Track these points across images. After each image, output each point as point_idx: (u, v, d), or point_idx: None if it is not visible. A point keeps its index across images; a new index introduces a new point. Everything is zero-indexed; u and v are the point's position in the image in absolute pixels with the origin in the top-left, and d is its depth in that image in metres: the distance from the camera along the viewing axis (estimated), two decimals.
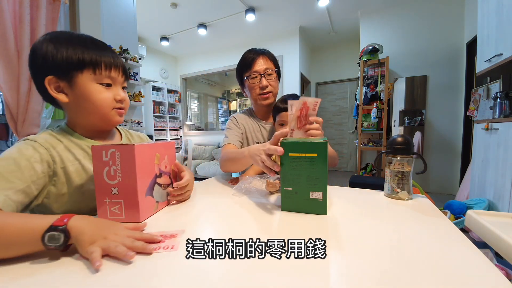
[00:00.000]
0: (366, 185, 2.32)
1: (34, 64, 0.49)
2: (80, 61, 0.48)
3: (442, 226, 0.45)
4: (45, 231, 0.33)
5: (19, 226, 0.34)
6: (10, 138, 2.46)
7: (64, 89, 0.50)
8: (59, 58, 0.47)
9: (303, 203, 0.52)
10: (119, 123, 0.57)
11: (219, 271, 0.32)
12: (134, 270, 0.32)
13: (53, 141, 0.51)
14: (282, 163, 0.53)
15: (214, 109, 6.69)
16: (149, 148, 0.50)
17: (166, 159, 0.58)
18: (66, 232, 0.34)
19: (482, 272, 0.31)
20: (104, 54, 0.50)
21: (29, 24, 1.21)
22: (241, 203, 0.61)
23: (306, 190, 0.52)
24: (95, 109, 0.51)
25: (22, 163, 0.44)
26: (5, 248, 0.33)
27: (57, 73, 0.48)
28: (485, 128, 1.77)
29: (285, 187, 0.54)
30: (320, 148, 0.50)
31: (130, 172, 0.46)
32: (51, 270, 0.32)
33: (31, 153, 0.46)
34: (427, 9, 2.98)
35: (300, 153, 0.51)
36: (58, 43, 0.48)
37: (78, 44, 0.49)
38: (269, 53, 0.96)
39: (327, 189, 0.51)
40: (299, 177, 0.52)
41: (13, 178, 0.42)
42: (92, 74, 0.49)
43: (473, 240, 1.37)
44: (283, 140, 0.54)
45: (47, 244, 0.33)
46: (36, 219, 0.36)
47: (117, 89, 0.54)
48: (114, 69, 0.52)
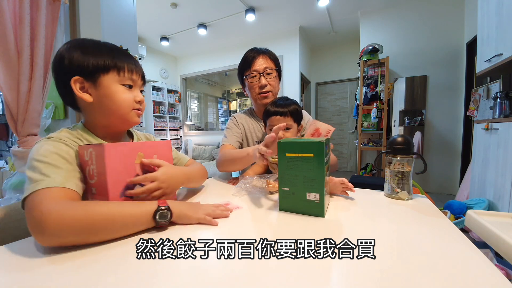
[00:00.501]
0: (366, 185, 2.31)
1: (60, 68, 0.51)
2: (106, 63, 0.52)
3: (442, 226, 0.46)
4: (155, 211, 0.43)
5: (131, 211, 0.42)
6: (10, 138, 2.46)
7: (88, 89, 0.52)
8: (86, 61, 0.50)
9: (301, 204, 0.52)
10: (137, 123, 0.59)
11: (221, 272, 0.32)
12: (135, 270, 0.33)
13: (74, 139, 0.52)
14: (280, 163, 0.53)
15: (214, 109, 6.69)
16: (126, 147, 0.49)
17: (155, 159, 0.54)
18: (170, 210, 0.45)
19: (482, 272, 0.31)
20: (127, 60, 0.55)
21: (29, 24, 1.20)
22: (242, 203, 0.61)
23: (303, 191, 0.51)
24: (117, 108, 0.53)
25: (66, 156, 0.46)
26: (125, 229, 0.42)
27: (83, 74, 0.51)
28: (485, 128, 1.77)
29: (282, 187, 0.54)
30: (316, 148, 0.49)
31: (102, 172, 0.45)
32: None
33: (67, 148, 0.48)
34: (427, 9, 2.98)
35: (296, 153, 0.51)
36: (85, 49, 0.51)
37: (105, 49, 0.53)
38: (270, 52, 0.95)
39: (324, 191, 0.50)
40: (296, 177, 0.52)
41: (68, 167, 0.45)
42: (117, 75, 0.53)
43: (473, 240, 1.37)
44: (280, 140, 0.54)
45: (158, 221, 0.43)
46: (141, 205, 0.44)
47: (137, 91, 0.58)
48: (135, 73, 0.56)
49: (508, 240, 0.38)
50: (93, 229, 0.38)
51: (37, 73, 1.25)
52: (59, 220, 0.36)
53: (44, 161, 0.43)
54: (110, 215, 0.40)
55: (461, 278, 0.30)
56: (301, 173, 0.51)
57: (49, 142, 0.47)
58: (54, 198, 0.39)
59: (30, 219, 0.37)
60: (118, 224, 0.41)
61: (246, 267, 0.33)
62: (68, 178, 0.44)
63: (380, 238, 0.42)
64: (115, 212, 0.41)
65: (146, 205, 0.44)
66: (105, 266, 0.34)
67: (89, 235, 0.39)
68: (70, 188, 0.43)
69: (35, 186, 0.40)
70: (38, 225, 0.36)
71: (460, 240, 0.40)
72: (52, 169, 0.43)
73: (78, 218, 0.37)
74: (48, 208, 0.37)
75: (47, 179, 0.41)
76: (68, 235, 0.37)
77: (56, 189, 0.41)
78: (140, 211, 0.43)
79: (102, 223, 0.39)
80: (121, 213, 0.41)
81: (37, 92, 1.26)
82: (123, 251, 0.38)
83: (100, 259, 0.35)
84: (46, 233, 0.36)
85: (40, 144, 0.47)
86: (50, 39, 1.32)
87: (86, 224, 0.38)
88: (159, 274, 0.32)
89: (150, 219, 0.44)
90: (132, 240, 0.41)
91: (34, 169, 0.42)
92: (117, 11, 1.92)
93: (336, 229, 0.46)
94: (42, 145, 0.46)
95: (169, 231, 0.45)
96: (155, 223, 0.44)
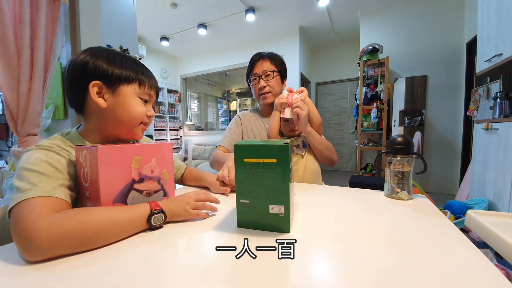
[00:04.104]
0: (366, 185, 2.32)
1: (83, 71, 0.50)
2: (130, 76, 0.53)
3: (442, 226, 0.45)
4: (149, 215, 0.44)
5: (123, 216, 0.42)
6: (10, 138, 2.46)
7: (105, 95, 0.51)
8: (111, 69, 0.51)
9: (262, 218, 0.44)
10: (140, 138, 0.60)
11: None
12: (136, 270, 0.33)
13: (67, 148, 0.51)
14: (237, 171, 0.45)
15: (214, 109, 6.69)
16: (122, 150, 0.46)
17: (153, 163, 0.51)
18: (164, 212, 0.46)
19: (482, 272, 0.31)
20: (149, 76, 0.58)
21: (29, 24, 1.20)
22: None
23: (265, 203, 0.44)
24: (128, 119, 0.54)
25: (56, 165, 0.45)
26: (118, 235, 0.41)
27: (105, 80, 0.51)
28: (485, 128, 1.77)
29: (240, 199, 0.45)
30: (280, 152, 0.42)
31: (95, 175, 0.43)
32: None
33: (58, 157, 0.47)
34: (427, 9, 2.98)
35: (256, 158, 0.43)
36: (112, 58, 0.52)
37: (130, 63, 0.55)
38: (271, 55, 1.01)
39: (289, 202, 0.43)
40: (257, 187, 0.44)
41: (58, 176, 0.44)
42: (138, 88, 0.54)
43: (473, 240, 1.37)
44: (237, 143, 0.45)
45: (153, 224, 0.44)
46: (133, 209, 0.44)
47: (150, 106, 0.59)
48: (154, 90, 0.59)
49: (508, 240, 0.38)
50: (84, 241, 0.37)
51: (37, 73, 1.25)
52: (47, 238, 0.34)
53: (34, 170, 0.42)
54: (101, 224, 0.39)
55: (461, 278, 0.30)
56: (262, 182, 0.43)
57: (40, 150, 0.46)
58: (40, 211, 0.37)
59: (16, 233, 0.35)
60: (110, 232, 0.40)
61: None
62: (57, 187, 0.42)
63: (380, 238, 0.42)
64: (106, 219, 0.40)
65: (138, 209, 0.44)
66: (103, 265, 0.34)
67: (81, 246, 0.37)
68: (58, 197, 0.41)
69: (22, 196, 0.38)
70: (24, 243, 0.34)
71: (460, 240, 0.40)
72: (41, 178, 0.41)
73: (67, 233, 0.36)
74: (33, 226, 0.34)
75: (34, 189, 0.39)
76: (57, 250, 0.35)
77: (43, 199, 0.39)
78: (133, 216, 0.43)
79: (93, 233, 0.38)
80: (112, 219, 0.40)
81: (37, 92, 1.26)
82: (120, 252, 0.38)
83: (96, 259, 0.35)
84: (32, 251, 0.34)
85: (31, 152, 0.45)
86: (50, 39, 1.32)
87: (76, 237, 0.36)
88: (160, 275, 0.32)
89: (144, 222, 0.44)
90: (127, 242, 0.41)
91: (23, 178, 0.41)
92: (117, 11, 1.92)
93: (337, 229, 0.46)
94: (33, 154, 0.45)
95: (164, 231, 0.45)
96: (149, 226, 0.44)
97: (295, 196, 0.62)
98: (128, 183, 0.47)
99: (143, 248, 0.39)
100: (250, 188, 0.44)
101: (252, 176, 0.44)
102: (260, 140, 0.51)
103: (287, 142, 0.43)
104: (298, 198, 0.63)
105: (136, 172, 0.49)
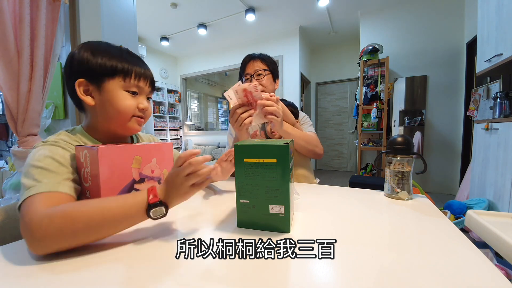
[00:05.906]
0: (366, 185, 2.32)
1: (70, 68, 0.51)
2: (113, 68, 0.51)
3: (442, 226, 0.45)
4: (147, 209, 0.39)
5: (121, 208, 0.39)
6: (10, 138, 2.46)
7: (92, 93, 0.51)
8: (94, 63, 0.50)
9: (262, 218, 0.44)
10: (137, 131, 0.58)
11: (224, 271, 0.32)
12: (135, 270, 0.33)
13: (72, 142, 0.52)
14: (237, 171, 0.45)
15: (214, 109, 6.69)
16: (122, 150, 0.46)
17: (153, 163, 0.51)
18: (164, 204, 0.40)
19: (482, 272, 0.31)
20: (136, 65, 0.54)
21: (29, 24, 1.20)
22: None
23: (265, 203, 0.44)
24: (117, 114, 0.52)
25: (60, 159, 0.46)
26: (114, 226, 0.39)
27: (89, 77, 0.50)
28: (485, 128, 1.77)
29: (240, 199, 0.45)
30: (280, 152, 0.41)
31: (96, 176, 0.43)
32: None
33: (62, 152, 0.48)
34: (427, 9, 2.98)
35: (256, 158, 0.43)
36: (96, 50, 0.51)
37: (114, 53, 0.52)
38: (262, 56, 1.02)
39: (289, 202, 0.43)
40: (257, 187, 0.44)
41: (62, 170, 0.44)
42: (122, 81, 0.52)
43: (473, 240, 1.37)
44: (237, 143, 0.45)
45: (153, 217, 0.39)
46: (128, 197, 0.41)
47: (142, 98, 0.56)
48: (143, 80, 0.55)
49: (508, 240, 0.38)
50: (76, 231, 0.36)
51: (37, 73, 1.25)
52: (39, 228, 0.34)
53: (38, 166, 0.43)
54: (92, 213, 0.37)
55: (461, 278, 0.30)
56: (262, 182, 0.43)
57: (45, 146, 0.47)
58: (42, 205, 0.38)
59: (21, 228, 0.36)
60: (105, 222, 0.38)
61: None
62: (61, 181, 0.43)
63: (380, 238, 0.42)
64: (97, 208, 0.38)
65: (134, 197, 0.41)
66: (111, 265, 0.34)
67: (75, 237, 0.36)
68: (62, 191, 0.42)
69: (28, 192, 0.39)
70: (26, 235, 0.35)
71: (460, 240, 0.40)
72: (45, 173, 0.42)
73: (57, 228, 0.35)
74: (30, 217, 0.36)
75: (38, 185, 0.40)
76: (52, 242, 0.35)
77: (47, 194, 0.40)
78: (129, 204, 0.39)
79: (84, 222, 0.36)
80: (103, 209, 0.38)
81: (37, 92, 1.26)
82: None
83: (103, 258, 0.35)
84: (31, 242, 0.35)
85: (37, 149, 0.46)
86: (50, 39, 1.32)
87: (66, 226, 0.35)
88: (161, 275, 0.32)
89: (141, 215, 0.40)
90: (127, 240, 0.41)
91: (28, 175, 0.42)
92: (117, 11, 1.92)
93: (336, 229, 0.46)
94: (38, 150, 0.46)
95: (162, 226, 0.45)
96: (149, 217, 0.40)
97: (299, 196, 0.62)
98: (129, 183, 0.47)
99: (143, 248, 0.39)
100: (250, 188, 0.44)
101: (252, 176, 0.44)
102: (260, 140, 0.51)
103: (287, 142, 0.43)
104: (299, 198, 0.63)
105: (137, 172, 0.49)
